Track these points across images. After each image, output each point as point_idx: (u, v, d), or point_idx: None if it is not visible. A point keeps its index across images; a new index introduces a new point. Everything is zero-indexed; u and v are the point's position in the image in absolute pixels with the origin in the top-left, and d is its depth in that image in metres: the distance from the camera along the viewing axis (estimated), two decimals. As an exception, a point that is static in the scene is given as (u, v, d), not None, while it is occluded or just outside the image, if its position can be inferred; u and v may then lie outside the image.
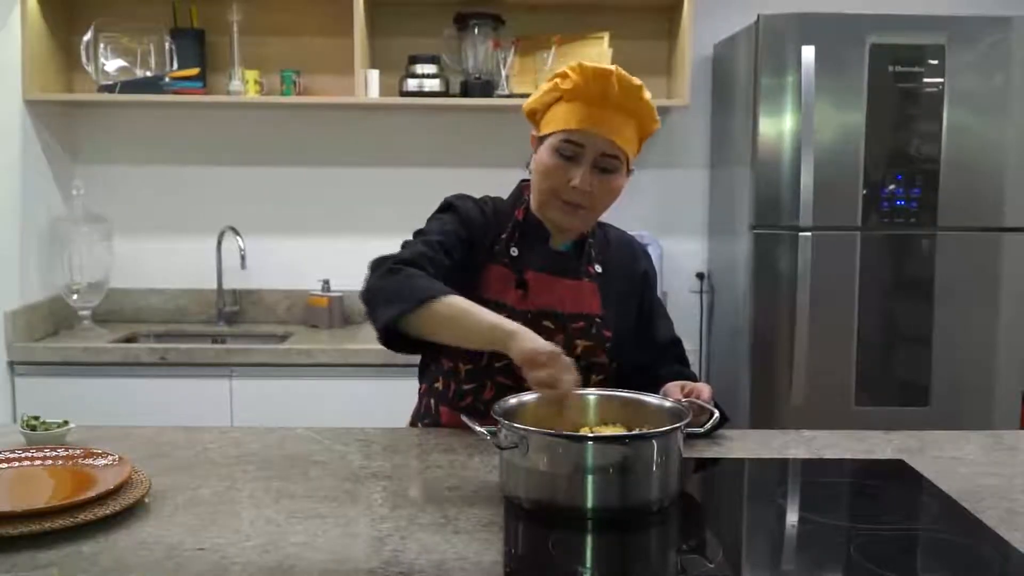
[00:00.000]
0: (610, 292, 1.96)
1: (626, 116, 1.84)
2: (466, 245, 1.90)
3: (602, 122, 1.82)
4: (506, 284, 1.89)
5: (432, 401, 1.98)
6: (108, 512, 1.41)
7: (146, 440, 1.85)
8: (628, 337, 1.97)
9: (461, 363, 1.90)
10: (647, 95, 1.85)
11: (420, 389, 2.05)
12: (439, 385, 1.96)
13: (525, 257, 1.92)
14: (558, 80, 1.86)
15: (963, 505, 1.53)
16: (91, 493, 1.43)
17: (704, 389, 1.82)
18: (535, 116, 1.92)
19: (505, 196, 2.02)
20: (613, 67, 1.82)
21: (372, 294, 1.78)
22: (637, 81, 1.84)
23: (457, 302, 1.71)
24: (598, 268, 1.96)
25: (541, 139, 1.89)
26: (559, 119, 1.85)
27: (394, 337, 1.77)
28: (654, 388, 1.82)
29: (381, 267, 1.79)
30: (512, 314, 1.84)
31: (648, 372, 1.95)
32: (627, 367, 1.97)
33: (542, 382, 1.59)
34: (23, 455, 1.63)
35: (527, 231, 1.94)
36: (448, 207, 1.96)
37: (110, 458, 1.60)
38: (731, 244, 3.50)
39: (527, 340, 1.62)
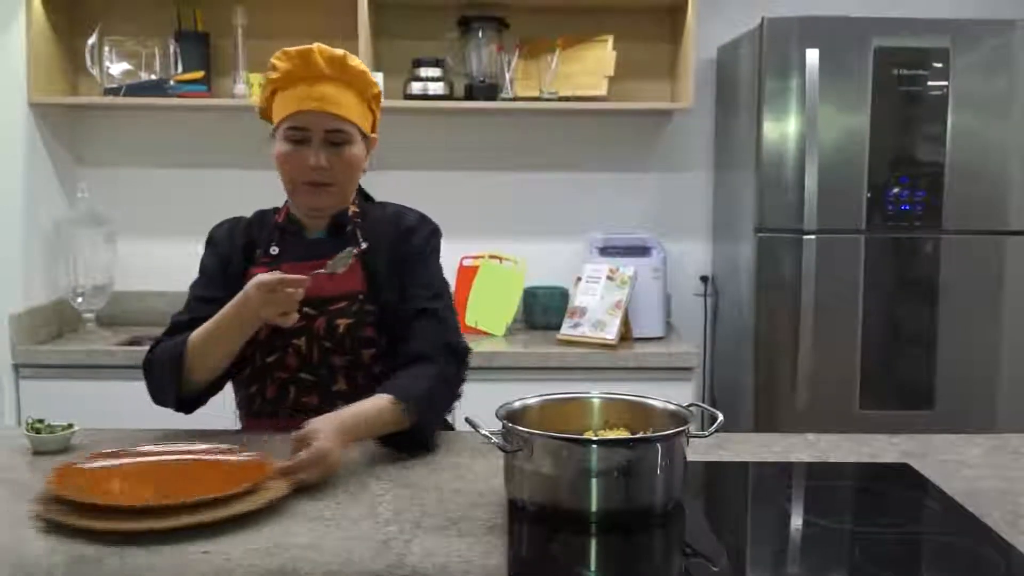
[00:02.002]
0: (377, 267, 1.97)
1: (340, 86, 1.91)
2: (224, 273, 1.99)
3: (318, 99, 1.88)
4: None
5: (242, 415, 2.10)
6: (247, 509, 1.44)
7: (150, 443, 1.85)
8: (396, 309, 1.96)
9: (243, 370, 1.96)
10: (354, 61, 1.92)
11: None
12: (238, 398, 2.07)
13: (284, 253, 1.99)
14: (269, 72, 1.94)
15: (967, 508, 1.52)
16: (234, 489, 1.47)
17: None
18: (267, 115, 2.00)
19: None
20: (313, 44, 1.90)
21: (153, 396, 1.95)
22: (341, 51, 1.92)
23: (196, 335, 1.85)
24: (363, 244, 1.98)
25: (273, 134, 1.97)
26: (280, 108, 1.93)
27: (192, 403, 1.94)
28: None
29: (144, 368, 1.95)
30: None
31: (399, 345, 1.92)
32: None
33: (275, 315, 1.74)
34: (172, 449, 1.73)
35: (286, 230, 2.02)
36: (208, 241, 2.08)
37: (247, 454, 1.66)
38: (735, 247, 3.49)
39: (252, 300, 1.75)
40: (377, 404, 1.76)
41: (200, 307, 1.95)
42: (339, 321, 1.91)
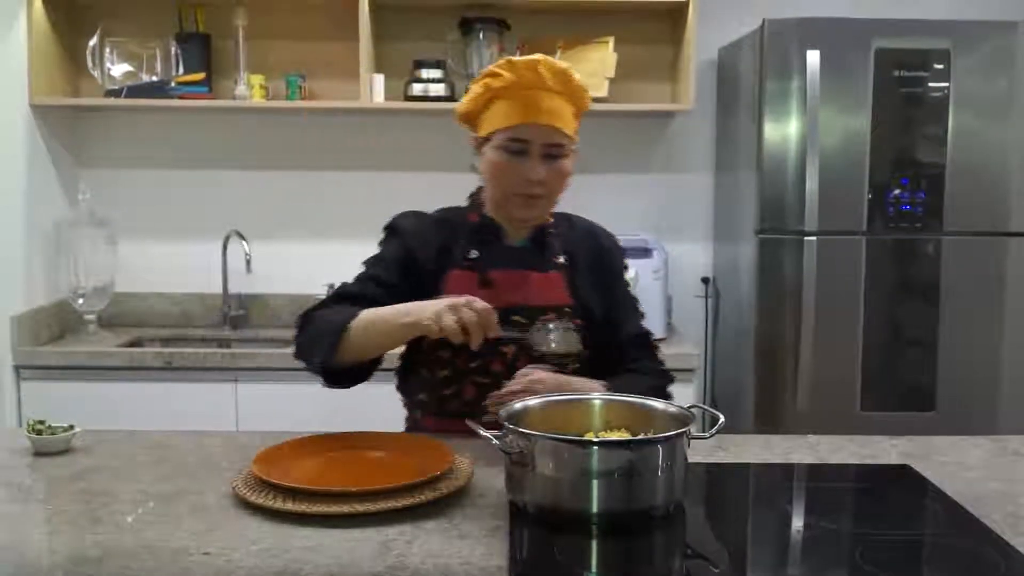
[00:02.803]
0: (578, 281, 1.98)
1: (561, 99, 1.87)
2: (407, 266, 1.94)
3: (541, 112, 1.85)
4: (470, 286, 1.90)
5: (419, 414, 2.01)
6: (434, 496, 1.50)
7: (151, 444, 1.85)
8: (602, 322, 1.98)
9: (437, 370, 1.92)
10: (576, 75, 1.89)
11: (405, 404, 2.08)
12: (423, 396, 1.99)
13: (485, 257, 1.95)
14: (489, 80, 1.88)
15: (968, 510, 1.52)
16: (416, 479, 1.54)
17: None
18: (471, 119, 1.96)
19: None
20: (539, 56, 1.86)
21: (299, 350, 1.90)
22: (564, 64, 1.88)
23: (365, 316, 1.79)
24: (563, 259, 1.98)
25: (484, 140, 1.92)
26: (499, 117, 1.88)
27: (334, 376, 1.87)
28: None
29: (300, 323, 1.91)
30: None
31: (616, 366, 1.95)
32: (596, 359, 1.97)
33: (456, 333, 1.67)
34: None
35: (482, 233, 1.97)
36: (390, 230, 2.02)
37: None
38: (736, 249, 3.49)
39: (426, 312, 1.69)
40: (594, 385, 1.81)
41: (371, 287, 1.92)
42: None
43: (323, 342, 1.81)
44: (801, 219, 3.13)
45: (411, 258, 1.95)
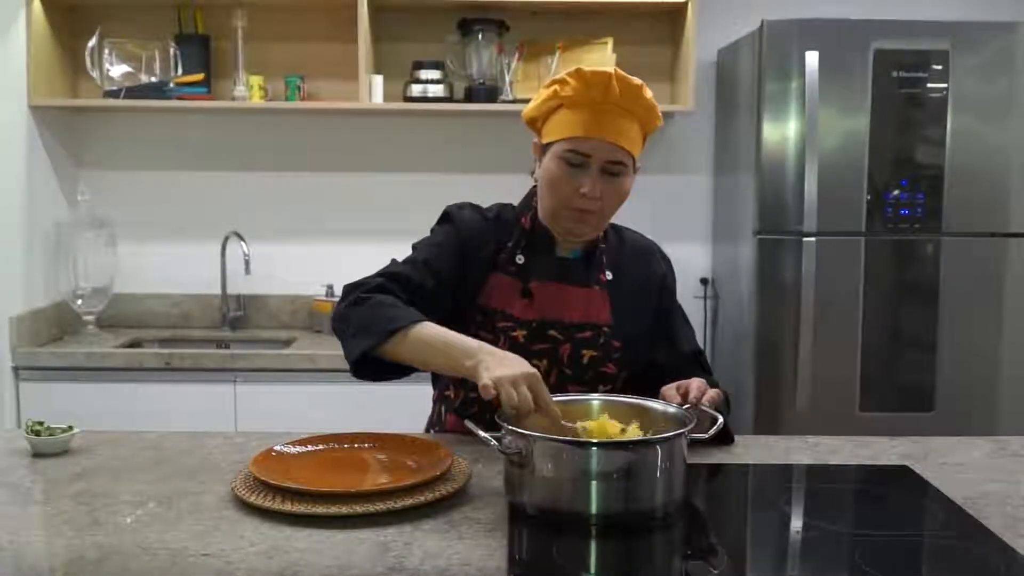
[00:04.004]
0: (622, 299, 1.93)
1: (629, 117, 1.81)
2: (459, 257, 1.88)
3: (605, 128, 1.79)
4: (511, 293, 1.88)
5: (443, 408, 1.99)
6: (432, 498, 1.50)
7: (150, 445, 1.85)
8: (641, 346, 1.95)
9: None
10: (648, 94, 1.83)
11: (433, 396, 2.05)
12: (449, 393, 1.96)
13: (531, 265, 1.90)
14: (557, 87, 1.83)
15: (968, 511, 1.52)
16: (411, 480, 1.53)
17: (695, 385, 1.75)
18: (535, 124, 1.90)
19: (511, 201, 2.01)
20: (612, 69, 1.81)
21: (342, 324, 1.79)
22: (637, 81, 1.82)
23: (423, 331, 1.69)
24: (609, 275, 1.94)
25: (545, 147, 1.86)
26: (562, 127, 1.82)
27: (364, 368, 1.77)
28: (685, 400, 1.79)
29: (351, 295, 1.80)
30: (516, 324, 1.85)
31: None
32: (647, 376, 1.93)
33: (508, 413, 1.55)
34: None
35: (534, 239, 1.92)
36: (445, 217, 1.96)
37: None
38: (735, 249, 3.50)
39: (485, 372, 1.57)
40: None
41: (422, 271, 1.84)
42: (584, 352, 1.87)
43: (369, 333, 1.72)
44: (800, 220, 3.13)
45: (462, 247, 1.89)
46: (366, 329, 1.73)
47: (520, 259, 1.90)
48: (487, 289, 1.89)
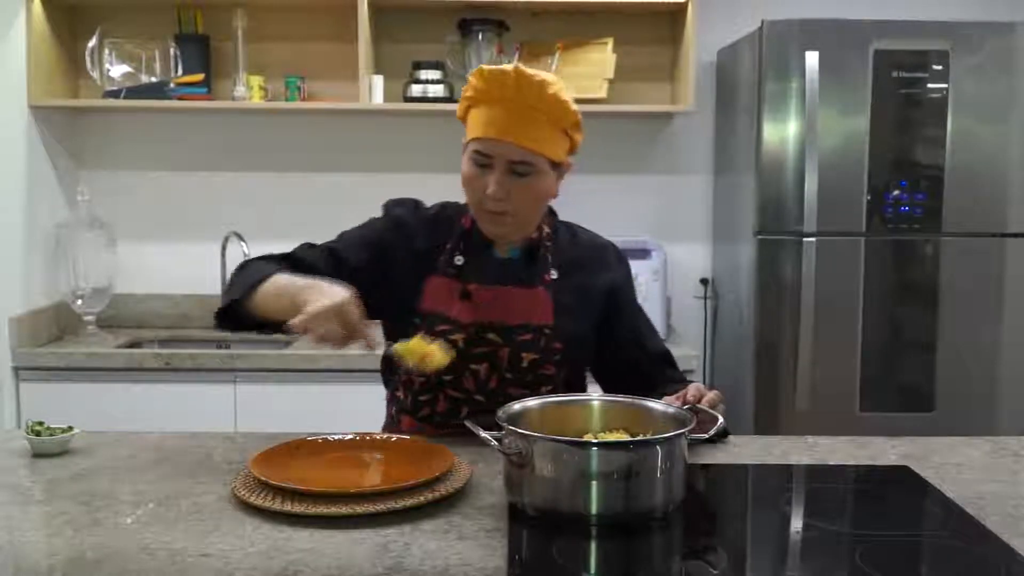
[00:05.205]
0: (566, 299, 1.90)
1: (536, 115, 1.75)
2: (378, 253, 1.88)
3: (507, 128, 1.75)
4: (450, 295, 1.86)
5: (395, 410, 1.99)
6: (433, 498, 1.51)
7: (150, 446, 1.85)
8: (583, 346, 1.93)
9: (414, 376, 1.89)
10: (553, 89, 1.74)
11: (386, 396, 2.05)
12: (400, 394, 1.96)
13: (471, 267, 1.88)
14: (465, 88, 1.81)
15: (967, 511, 1.52)
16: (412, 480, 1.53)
17: (693, 387, 1.75)
18: (464, 123, 1.88)
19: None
20: (512, 66, 1.75)
21: (224, 291, 1.86)
22: (540, 77, 1.74)
23: (276, 280, 1.72)
24: (554, 274, 1.90)
25: (465, 146, 1.84)
26: (471, 127, 1.80)
27: (228, 321, 1.82)
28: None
29: (236, 268, 1.88)
30: (455, 327, 1.84)
31: (645, 385, 1.90)
32: (625, 378, 1.95)
33: (320, 340, 1.59)
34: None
35: (473, 239, 1.90)
36: (384, 212, 1.97)
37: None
38: (735, 250, 3.50)
39: (308, 307, 1.59)
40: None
41: (324, 260, 1.86)
42: (524, 355, 1.85)
43: (235, 288, 1.78)
44: (800, 220, 3.14)
45: (387, 254, 1.89)
46: (232, 286, 1.80)
47: (459, 260, 1.88)
48: (426, 291, 1.87)
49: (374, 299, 1.77)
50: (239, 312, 1.77)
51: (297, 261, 1.86)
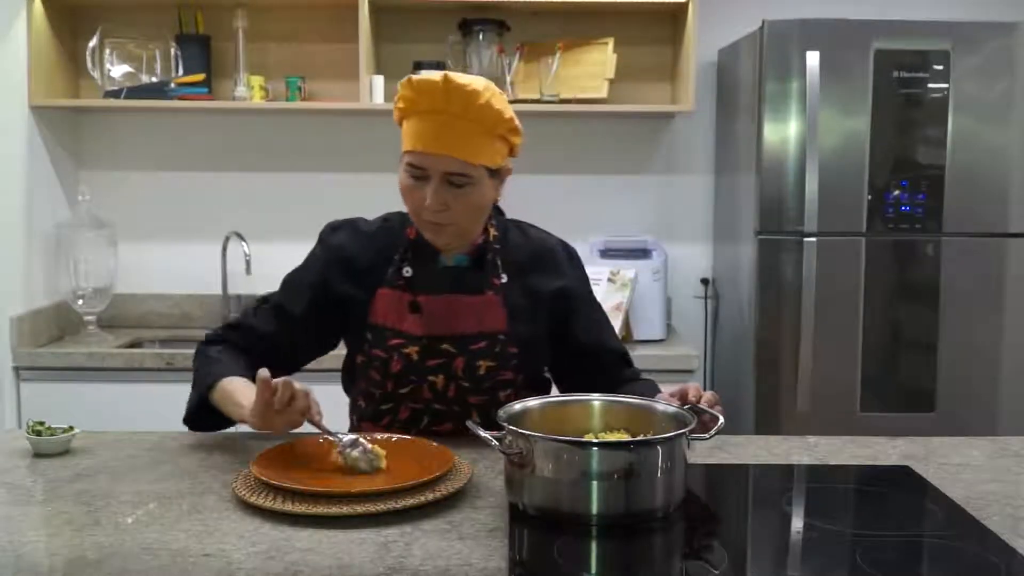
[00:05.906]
0: (518, 303, 1.88)
1: (467, 125, 1.70)
2: (323, 287, 1.89)
3: (439, 141, 1.70)
4: (400, 308, 1.84)
5: (355, 418, 2.00)
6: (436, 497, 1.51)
7: (151, 445, 1.85)
8: (539, 349, 1.92)
9: (374, 388, 1.90)
10: (484, 98, 1.69)
11: (349, 403, 2.05)
12: (361, 403, 1.96)
13: (419, 277, 1.86)
14: (396, 99, 1.76)
15: (969, 512, 1.52)
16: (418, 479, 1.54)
17: (693, 387, 1.73)
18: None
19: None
20: (440, 75, 1.68)
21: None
22: (472, 86, 1.69)
23: (222, 389, 1.79)
24: (504, 278, 1.88)
25: (402, 157, 1.80)
26: (405, 138, 1.76)
27: (199, 423, 1.89)
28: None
29: (197, 349, 1.95)
30: (407, 340, 1.83)
31: (602, 382, 1.89)
32: (565, 379, 1.97)
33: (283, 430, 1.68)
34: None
35: (419, 249, 1.87)
36: (319, 241, 1.96)
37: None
38: (736, 250, 3.49)
39: (249, 420, 1.69)
40: None
41: (270, 322, 1.93)
42: (480, 363, 1.84)
43: (192, 394, 1.87)
44: (801, 220, 3.13)
45: (328, 287, 1.89)
46: (193, 388, 1.88)
47: (407, 271, 1.86)
48: (376, 305, 1.86)
49: (330, 324, 1.89)
50: (202, 414, 1.87)
51: (247, 331, 1.93)
